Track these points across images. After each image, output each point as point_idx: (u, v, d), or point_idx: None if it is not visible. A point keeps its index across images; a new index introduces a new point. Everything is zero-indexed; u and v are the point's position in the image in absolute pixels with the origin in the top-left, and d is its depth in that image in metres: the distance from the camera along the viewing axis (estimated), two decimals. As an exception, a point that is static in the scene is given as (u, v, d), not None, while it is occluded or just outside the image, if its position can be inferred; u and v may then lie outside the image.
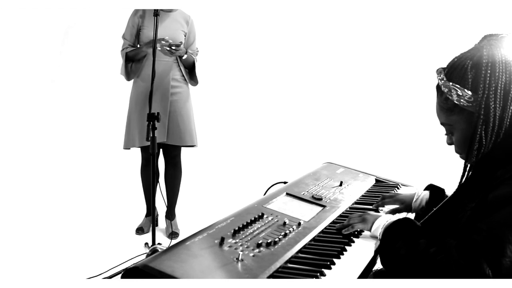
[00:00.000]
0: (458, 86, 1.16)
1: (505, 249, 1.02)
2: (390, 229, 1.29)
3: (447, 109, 1.21)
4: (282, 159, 5.03)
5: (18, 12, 4.45)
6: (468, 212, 1.15)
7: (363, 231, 1.45)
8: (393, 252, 1.22)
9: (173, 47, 3.10)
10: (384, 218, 1.39)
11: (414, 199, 1.62)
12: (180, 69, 3.31)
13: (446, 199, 1.37)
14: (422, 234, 1.21)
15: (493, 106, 1.13)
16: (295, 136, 5.31)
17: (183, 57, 3.26)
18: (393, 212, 1.66)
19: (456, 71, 1.19)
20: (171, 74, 3.26)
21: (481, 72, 1.14)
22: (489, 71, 1.13)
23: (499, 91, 1.12)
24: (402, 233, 1.24)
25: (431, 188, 1.65)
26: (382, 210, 1.71)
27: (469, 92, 1.15)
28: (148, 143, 2.69)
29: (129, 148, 3.38)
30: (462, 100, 1.16)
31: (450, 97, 1.18)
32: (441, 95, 1.22)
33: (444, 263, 1.07)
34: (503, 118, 1.14)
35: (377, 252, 1.33)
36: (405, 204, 1.64)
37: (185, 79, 3.35)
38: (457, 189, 1.30)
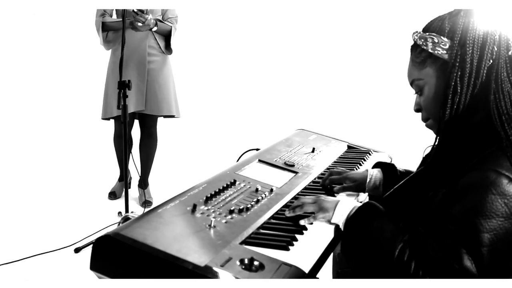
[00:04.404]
0: (435, 34, 1.16)
1: (481, 238, 1.00)
2: (354, 217, 1.20)
3: (419, 62, 1.19)
4: (255, 126, 5.03)
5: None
6: (439, 197, 1.11)
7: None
8: (361, 240, 1.15)
9: (137, 12, 3.01)
10: (345, 204, 1.27)
11: (368, 179, 1.54)
12: (155, 37, 3.24)
13: (411, 175, 1.32)
14: (389, 219, 1.15)
15: (470, 52, 1.11)
16: (267, 102, 5.30)
17: (153, 29, 3.18)
18: (342, 190, 1.55)
19: (434, 24, 1.20)
20: (147, 41, 3.21)
21: (459, 20, 1.14)
22: (467, 20, 1.13)
23: (476, 39, 1.12)
24: (369, 220, 1.16)
25: (381, 166, 1.58)
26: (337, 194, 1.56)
27: (446, 39, 1.15)
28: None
29: (108, 119, 3.33)
30: (437, 48, 1.15)
31: (425, 47, 1.17)
32: (415, 50, 1.21)
33: (423, 255, 1.03)
34: (479, 68, 1.12)
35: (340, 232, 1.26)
36: (357, 183, 1.54)
37: (160, 48, 3.28)
38: (425, 168, 1.26)
